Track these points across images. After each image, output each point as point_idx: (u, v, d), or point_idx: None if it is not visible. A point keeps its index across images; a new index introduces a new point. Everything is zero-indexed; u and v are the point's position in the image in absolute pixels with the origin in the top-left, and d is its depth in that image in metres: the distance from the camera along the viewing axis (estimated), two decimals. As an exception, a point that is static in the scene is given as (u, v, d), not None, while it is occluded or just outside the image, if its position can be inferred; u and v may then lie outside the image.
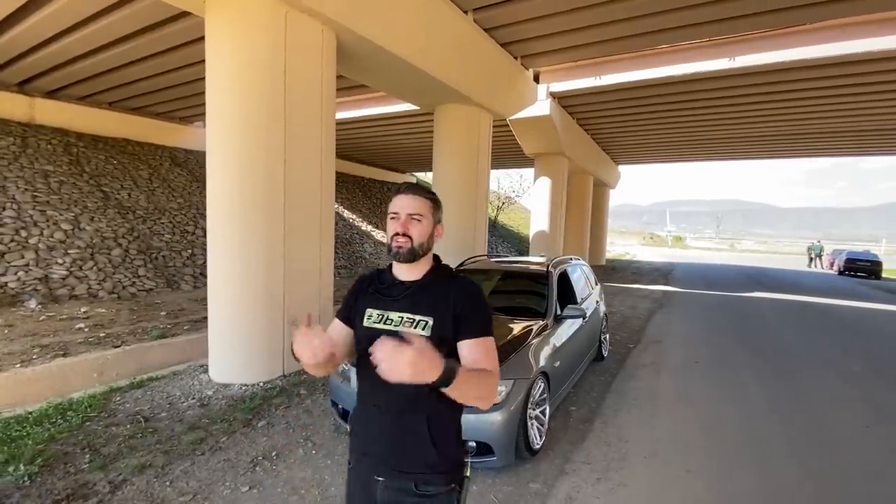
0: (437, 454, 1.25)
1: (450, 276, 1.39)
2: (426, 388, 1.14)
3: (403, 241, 1.31)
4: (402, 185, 1.37)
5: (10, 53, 9.04)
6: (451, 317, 1.28)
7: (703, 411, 4.06)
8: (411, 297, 1.33)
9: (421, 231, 1.32)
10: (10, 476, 2.71)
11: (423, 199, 1.35)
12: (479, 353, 1.26)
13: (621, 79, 10.66)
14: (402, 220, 1.31)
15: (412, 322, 1.29)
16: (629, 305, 9.85)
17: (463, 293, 1.32)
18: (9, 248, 7.79)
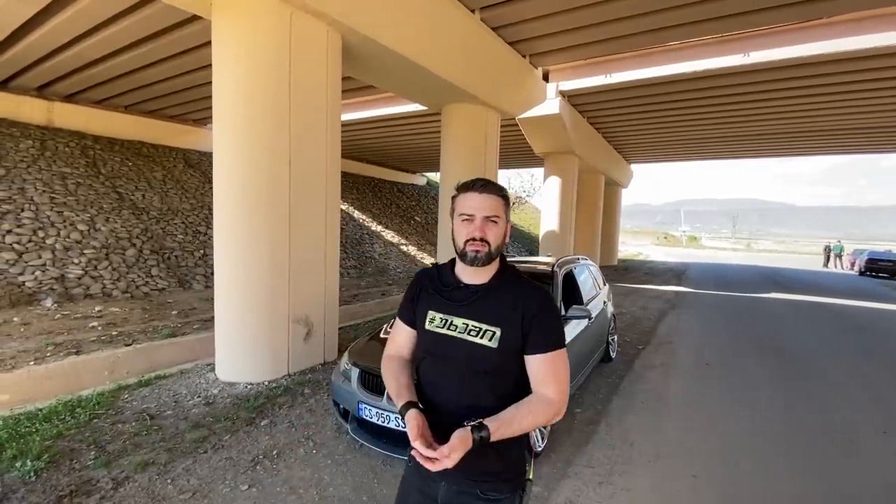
0: (501, 462, 1.22)
1: (517, 281, 1.30)
2: (490, 400, 1.20)
3: (481, 245, 1.21)
4: (475, 182, 1.26)
5: (28, 58, 9.27)
6: (520, 327, 1.21)
7: (713, 414, 3.97)
8: (477, 303, 1.25)
9: (498, 234, 1.24)
10: (16, 472, 2.76)
11: (498, 197, 1.25)
12: (546, 370, 1.20)
13: (631, 76, 10.53)
14: (479, 224, 1.21)
15: (478, 331, 1.22)
16: (640, 306, 9.71)
17: (533, 301, 1.24)
18: (26, 248, 7.98)
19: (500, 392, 1.23)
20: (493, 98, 8.12)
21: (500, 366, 1.23)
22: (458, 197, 1.27)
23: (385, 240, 16.46)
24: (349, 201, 17.70)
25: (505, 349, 1.21)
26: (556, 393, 1.20)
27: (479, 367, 1.23)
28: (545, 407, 1.18)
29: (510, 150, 17.79)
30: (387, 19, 5.43)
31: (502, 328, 1.21)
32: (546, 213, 13.91)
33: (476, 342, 1.22)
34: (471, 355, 1.22)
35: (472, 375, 1.24)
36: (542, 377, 1.21)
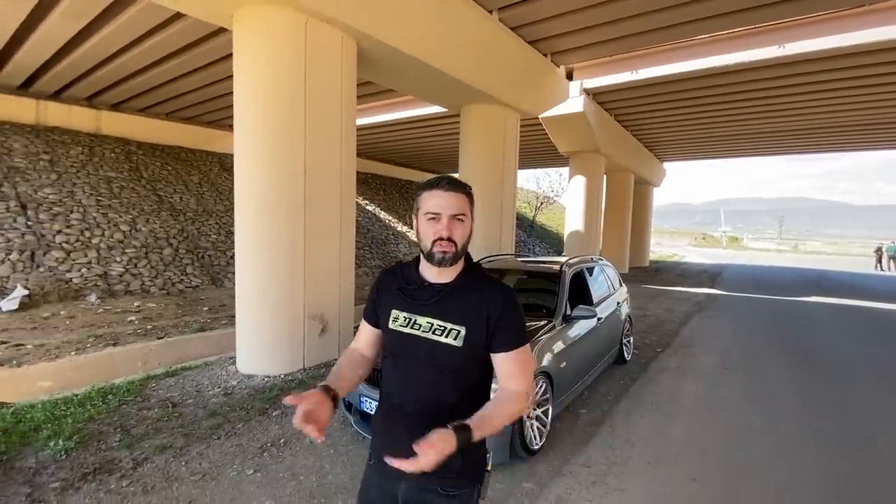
0: (462, 460, 1.15)
1: (482, 280, 1.29)
2: (452, 398, 1.22)
3: (448, 246, 1.19)
4: (439, 180, 1.23)
5: (78, 70, 9.98)
6: (485, 326, 1.21)
7: (725, 419, 3.85)
8: (442, 302, 1.24)
9: (464, 233, 1.22)
10: (49, 450, 3.03)
11: (463, 194, 1.22)
12: (514, 368, 1.22)
13: (659, 72, 10.27)
14: (446, 223, 1.19)
15: (443, 330, 1.22)
16: (666, 308, 9.44)
17: (498, 301, 1.23)
18: (74, 247, 8.61)
19: (462, 389, 1.24)
20: (511, 98, 8.11)
21: (465, 364, 1.24)
22: (422, 195, 1.24)
23: (410, 240, 16.67)
24: (376, 202, 18.04)
25: (470, 348, 1.21)
26: (523, 387, 1.22)
27: (443, 365, 1.23)
28: (515, 401, 1.20)
29: (535, 150, 17.64)
30: (400, 23, 5.54)
31: (467, 327, 1.21)
32: (571, 212, 13.72)
33: (441, 341, 1.22)
34: (435, 354, 1.22)
35: (436, 374, 1.24)
36: (511, 373, 1.23)
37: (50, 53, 9.07)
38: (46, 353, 5.35)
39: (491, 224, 8.25)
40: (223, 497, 2.64)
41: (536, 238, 25.59)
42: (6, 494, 2.56)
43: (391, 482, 1.25)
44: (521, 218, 27.91)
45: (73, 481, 2.73)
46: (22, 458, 2.95)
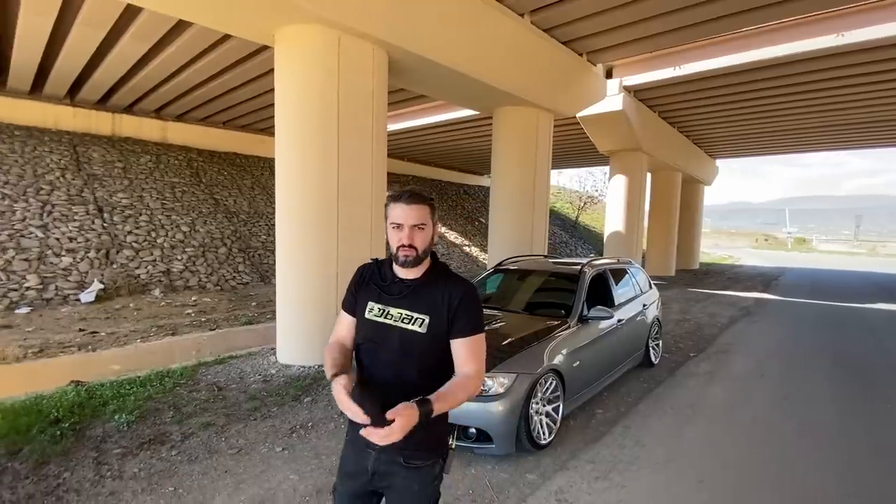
0: (424, 434, 1.30)
1: (446, 276, 1.46)
2: (415, 377, 1.39)
3: (410, 251, 1.37)
4: (401, 193, 1.39)
5: (146, 86, 11.04)
6: (446, 315, 1.39)
7: (748, 427, 3.76)
8: (410, 295, 1.42)
9: (424, 239, 1.39)
10: (115, 422, 3.50)
11: (423, 206, 1.39)
12: (467, 352, 1.39)
13: (705, 67, 9.91)
14: (407, 232, 1.36)
15: (410, 319, 1.40)
16: (709, 313, 9.08)
17: (457, 294, 1.41)
18: (142, 246, 9.55)
19: (425, 370, 1.41)
20: (544, 99, 8.13)
21: (427, 348, 1.40)
22: (389, 206, 1.41)
23: (448, 241, 16.93)
24: (416, 203, 18.43)
25: (432, 334, 1.39)
26: (475, 370, 1.38)
27: (409, 349, 1.40)
28: (468, 382, 1.36)
29: (575, 149, 17.38)
30: (429, 33, 5.77)
31: (430, 316, 1.39)
32: (611, 213, 13.43)
33: (408, 328, 1.40)
34: (403, 339, 1.40)
35: (403, 357, 1.41)
36: (465, 358, 1.39)
37: (123, 72, 10.11)
38: (116, 340, 6.05)
39: (522, 225, 8.31)
40: (254, 469, 2.96)
41: (579, 239, 25.10)
42: (78, 457, 3.02)
43: (363, 455, 1.41)
44: (564, 218, 27.46)
45: (131, 449, 3.16)
46: (92, 428, 3.44)
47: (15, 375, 4.78)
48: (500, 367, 3.11)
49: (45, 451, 3.03)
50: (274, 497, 2.66)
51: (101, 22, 7.74)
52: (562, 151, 18.01)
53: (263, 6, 4.55)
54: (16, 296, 7.24)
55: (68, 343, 5.75)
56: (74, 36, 8.29)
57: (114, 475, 2.85)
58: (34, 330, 6.24)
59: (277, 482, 2.81)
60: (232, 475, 2.89)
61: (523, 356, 3.26)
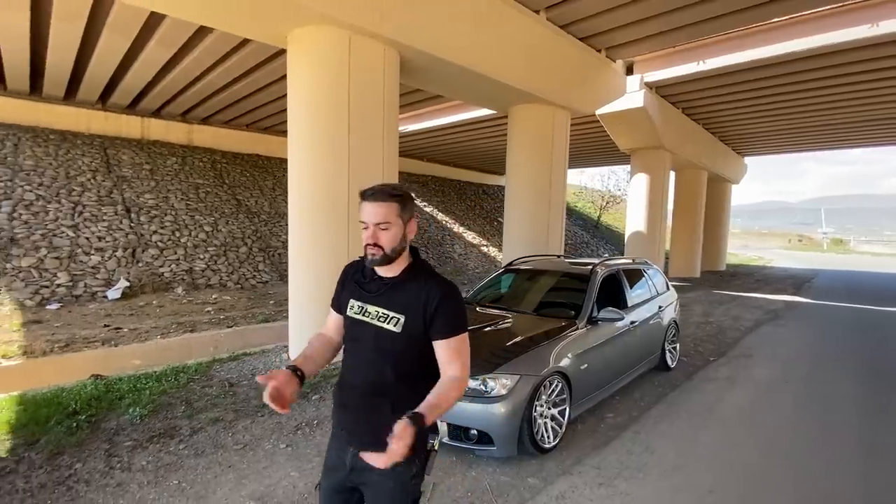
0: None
1: (425, 275, 1.43)
2: (392, 377, 1.38)
3: (376, 250, 1.36)
4: (368, 191, 1.37)
5: (172, 91, 11.39)
6: (423, 316, 1.36)
7: (766, 434, 3.59)
8: (387, 293, 1.41)
9: (390, 238, 1.36)
10: (128, 415, 3.60)
11: (387, 204, 1.36)
12: (449, 353, 1.36)
13: (730, 61, 9.57)
14: (371, 232, 1.35)
15: (385, 317, 1.38)
16: (733, 316, 8.76)
17: (435, 293, 1.37)
18: (167, 245, 9.85)
19: (400, 371, 1.38)
20: (560, 97, 8.00)
21: (402, 348, 1.38)
22: (360, 204, 1.40)
23: (466, 241, 16.88)
24: (434, 204, 18.47)
25: (407, 334, 1.36)
26: (460, 371, 1.36)
27: (383, 348, 1.39)
28: (455, 384, 1.34)
29: (595, 147, 17.08)
30: (441, 32, 5.74)
31: (406, 316, 1.37)
32: (632, 212, 13.12)
33: (383, 327, 1.39)
34: (378, 338, 1.39)
35: (378, 356, 1.40)
36: (448, 358, 1.36)
37: (150, 76, 10.46)
38: (138, 336, 6.25)
39: (538, 224, 8.19)
40: (257, 465, 3.00)
41: (601, 239, 24.65)
42: (91, 448, 3.12)
43: (344, 450, 1.43)
44: (586, 218, 27.03)
45: (142, 442, 3.24)
46: (107, 420, 3.55)
47: (40, 369, 4.99)
48: (502, 368, 3.05)
49: (61, 442, 3.15)
50: (273, 493, 2.68)
51: (128, 28, 8.01)
52: (582, 150, 17.72)
53: (275, 9, 4.62)
54: (47, 292, 7.58)
55: (93, 338, 5.97)
56: (103, 42, 8.61)
57: (123, 467, 2.93)
58: (62, 325, 6.51)
59: (278, 478, 2.83)
60: (235, 470, 2.93)
61: (527, 357, 3.20)
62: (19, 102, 11.32)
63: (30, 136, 10.74)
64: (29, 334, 6.06)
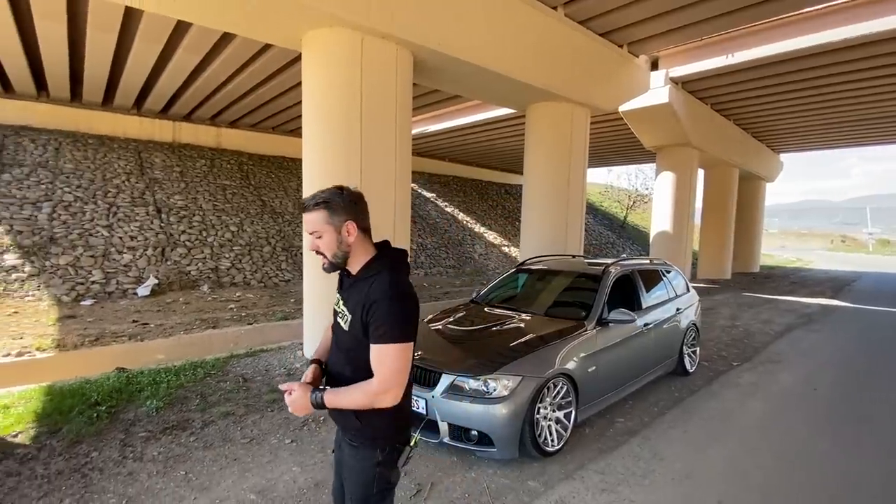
0: (359, 422, 1.41)
1: (375, 273, 1.39)
2: (349, 373, 1.42)
3: (321, 258, 1.42)
4: (303, 201, 1.43)
5: (201, 96, 11.79)
6: (361, 316, 1.34)
7: (785, 444, 3.41)
8: (348, 290, 1.46)
9: (326, 244, 1.39)
10: (145, 407, 3.74)
11: (315, 212, 1.38)
12: (374, 359, 1.33)
13: (760, 53, 9.18)
14: (311, 241, 1.42)
15: (342, 315, 1.45)
16: (763, 319, 8.39)
17: (374, 295, 1.32)
18: (194, 244, 10.20)
19: (355, 366, 1.41)
20: (579, 94, 7.85)
21: (352, 345, 1.41)
22: None
23: (487, 241, 16.79)
24: (455, 204, 18.46)
25: (353, 333, 1.39)
26: (377, 382, 1.32)
27: (340, 344, 1.47)
28: (364, 390, 1.33)
29: (620, 145, 16.70)
30: (454, 32, 5.72)
31: (353, 315, 1.38)
32: (658, 212, 12.74)
33: (340, 324, 1.47)
34: (338, 333, 1.49)
35: (337, 349, 1.49)
36: (374, 365, 1.33)
37: (180, 82, 10.86)
38: (163, 331, 6.49)
39: (556, 224, 8.06)
40: (261, 459, 3.06)
41: (627, 239, 24.07)
42: (107, 438, 3.26)
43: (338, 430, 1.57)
44: (612, 218, 26.47)
45: (155, 433, 3.36)
46: (125, 411, 3.70)
47: (70, 361, 5.25)
48: (504, 369, 3.01)
49: (81, 432, 3.30)
50: (274, 487, 2.73)
51: (158, 36, 8.34)
52: (606, 148, 17.35)
53: (287, 12, 4.70)
54: (82, 289, 7.98)
55: (121, 333, 6.24)
56: (136, 50, 8.99)
57: (135, 457, 3.04)
58: (94, 320, 6.84)
59: (280, 473, 2.88)
60: (240, 463, 3.00)
61: (531, 358, 3.14)
62: (61, 109, 11.96)
63: (70, 141, 11.33)
64: (63, 328, 6.39)
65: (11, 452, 3.02)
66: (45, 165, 10.24)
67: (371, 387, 1.33)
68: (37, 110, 11.73)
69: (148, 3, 4.55)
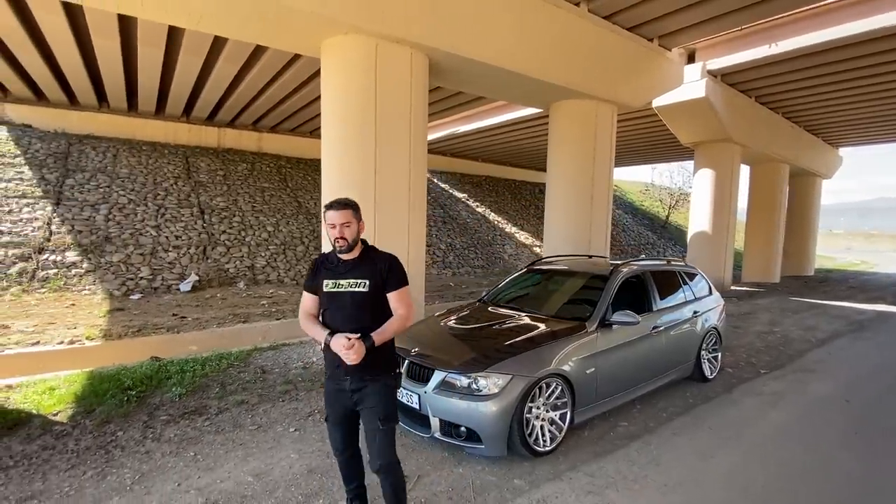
0: (372, 359, 2.04)
1: (376, 253, 2.18)
2: (369, 321, 2.06)
3: (343, 242, 2.07)
4: (332, 204, 2.07)
5: (242, 103, 12.46)
6: (380, 277, 2.10)
7: (800, 458, 3.22)
8: (352, 270, 2.12)
9: (351, 232, 2.07)
10: (170, 393, 4.05)
11: (347, 210, 2.07)
12: (396, 300, 2.13)
13: (808, 41, 8.63)
14: (339, 229, 2.05)
15: (356, 284, 2.08)
16: (807, 325, 7.86)
17: (385, 262, 2.13)
18: (233, 243, 10.80)
19: (373, 315, 2.09)
20: (603, 91, 7.68)
21: (371, 301, 2.09)
22: (325, 213, 2.10)
23: (518, 241, 16.65)
24: (486, 204, 18.43)
25: (374, 292, 2.09)
26: (405, 310, 2.13)
27: (360, 304, 2.08)
28: (399, 319, 2.11)
29: (656, 143, 16.09)
30: (471, 33, 5.77)
31: (370, 280, 2.09)
32: (696, 211, 12.18)
33: (356, 290, 2.08)
34: (353, 298, 2.08)
35: (357, 310, 2.08)
36: (396, 304, 2.14)
37: (222, 91, 11.54)
38: (199, 324, 6.94)
39: (580, 224, 7.92)
40: (265, 445, 3.25)
41: (669, 239, 23.11)
42: (133, 419, 3.56)
43: (341, 382, 2.11)
44: (653, 218, 25.51)
45: (175, 417, 3.64)
46: (152, 396, 4.02)
47: (114, 350, 5.74)
48: (494, 367, 3.04)
49: (111, 413, 3.63)
50: (271, 471, 2.90)
51: (199, 49, 8.92)
52: (642, 145, 16.78)
53: (304, 22, 4.93)
54: (132, 284, 8.66)
55: (161, 325, 6.74)
56: (181, 62, 9.66)
57: (154, 438, 3.31)
58: (139, 313, 7.42)
59: (279, 459, 3.06)
60: (245, 448, 3.20)
61: (523, 358, 3.15)
62: (119, 118, 13.02)
63: (126, 148, 12.29)
64: (111, 320, 6.98)
65: (50, 429, 3.37)
66: (104, 171, 11.18)
67: (401, 316, 2.11)
68: (98, 120, 12.83)
69: (184, 21, 4.92)
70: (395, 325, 2.08)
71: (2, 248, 8.24)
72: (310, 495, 2.64)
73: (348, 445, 2.25)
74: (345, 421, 2.20)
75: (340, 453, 2.27)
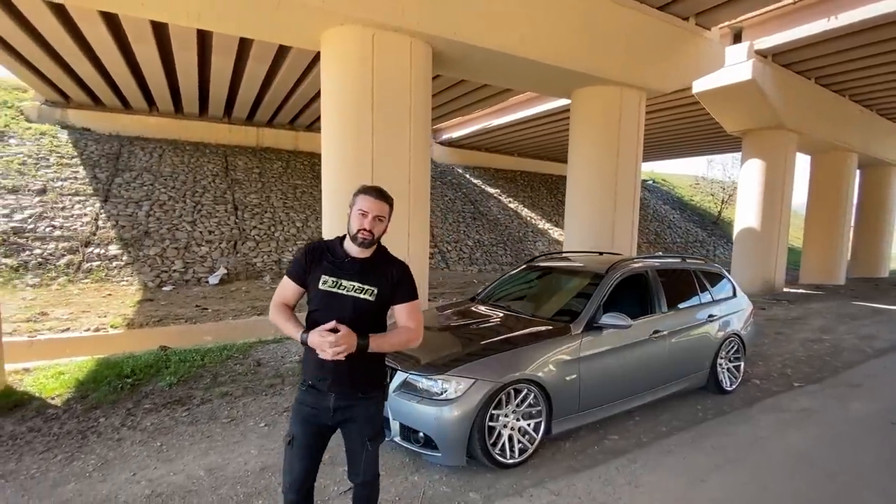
0: (367, 376, 1.83)
1: (388, 257, 1.88)
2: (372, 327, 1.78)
3: (368, 234, 1.74)
4: (375, 189, 1.78)
5: (276, 102, 12.85)
6: (390, 287, 1.81)
7: (813, 487, 2.78)
8: (361, 272, 1.78)
9: (381, 229, 1.78)
10: (162, 382, 4.16)
11: (387, 203, 1.79)
12: (407, 313, 1.86)
13: (876, 11, 7.59)
14: (371, 220, 1.73)
15: (361, 290, 1.77)
16: (864, 334, 6.96)
17: (398, 271, 1.84)
18: (262, 238, 11.17)
19: (373, 326, 1.79)
20: (629, 76, 7.16)
21: (374, 310, 1.80)
22: (359, 196, 1.77)
23: (551, 237, 16.10)
24: (520, 199, 17.97)
25: (380, 302, 1.80)
26: (415, 325, 1.85)
27: (361, 312, 1.76)
28: (407, 331, 1.83)
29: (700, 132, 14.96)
30: (472, 18, 5.52)
31: (378, 288, 1.78)
32: (743, 205, 11.15)
33: (360, 297, 1.77)
34: (356, 305, 1.76)
35: (356, 317, 1.74)
36: (406, 318, 1.86)
37: (256, 90, 11.93)
38: (217, 315, 7.20)
39: (602, 220, 7.44)
40: (230, 439, 3.24)
41: (721, 237, 21.54)
42: (119, 406, 3.68)
43: (323, 397, 1.77)
44: (703, 214, 23.91)
45: (158, 406, 3.73)
46: (146, 384, 4.15)
47: (131, 338, 6.05)
48: (456, 370, 2.84)
49: (102, 399, 3.77)
50: (225, 467, 2.87)
51: (228, 50, 9.24)
52: (686, 135, 15.68)
53: (300, 15, 4.90)
54: (165, 276, 9.17)
55: (182, 316, 7.04)
56: (215, 63, 10.07)
57: (132, 426, 3.40)
58: (166, 304, 7.81)
59: (238, 454, 3.03)
60: (210, 441, 3.20)
61: (491, 360, 2.93)
62: (166, 121, 13.83)
63: (171, 148, 13.04)
64: (139, 310, 7.40)
65: (44, 411, 3.55)
66: (150, 170, 11.92)
67: (411, 329, 1.84)
68: (148, 123, 13.70)
69: (181, 19, 5.05)
70: (402, 337, 1.80)
71: (53, 241, 8.98)
72: (252, 494, 2.58)
73: (308, 478, 1.81)
74: (314, 443, 1.81)
75: (296, 491, 1.80)
